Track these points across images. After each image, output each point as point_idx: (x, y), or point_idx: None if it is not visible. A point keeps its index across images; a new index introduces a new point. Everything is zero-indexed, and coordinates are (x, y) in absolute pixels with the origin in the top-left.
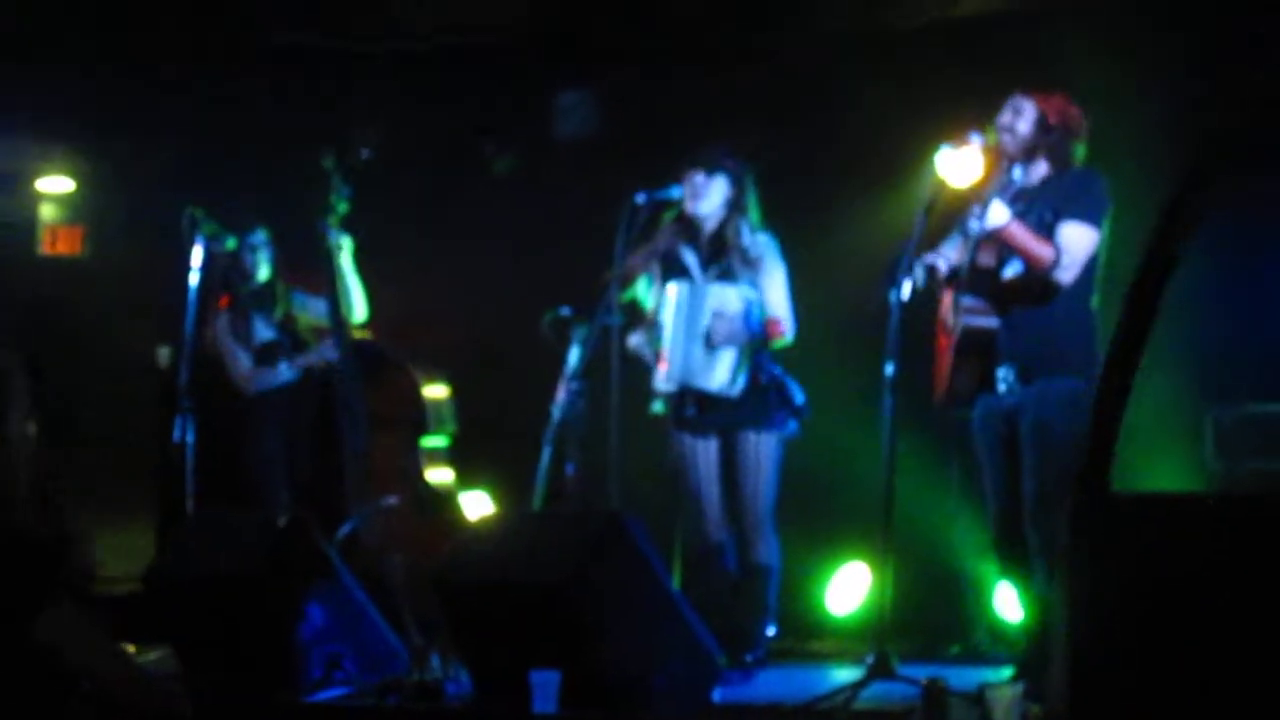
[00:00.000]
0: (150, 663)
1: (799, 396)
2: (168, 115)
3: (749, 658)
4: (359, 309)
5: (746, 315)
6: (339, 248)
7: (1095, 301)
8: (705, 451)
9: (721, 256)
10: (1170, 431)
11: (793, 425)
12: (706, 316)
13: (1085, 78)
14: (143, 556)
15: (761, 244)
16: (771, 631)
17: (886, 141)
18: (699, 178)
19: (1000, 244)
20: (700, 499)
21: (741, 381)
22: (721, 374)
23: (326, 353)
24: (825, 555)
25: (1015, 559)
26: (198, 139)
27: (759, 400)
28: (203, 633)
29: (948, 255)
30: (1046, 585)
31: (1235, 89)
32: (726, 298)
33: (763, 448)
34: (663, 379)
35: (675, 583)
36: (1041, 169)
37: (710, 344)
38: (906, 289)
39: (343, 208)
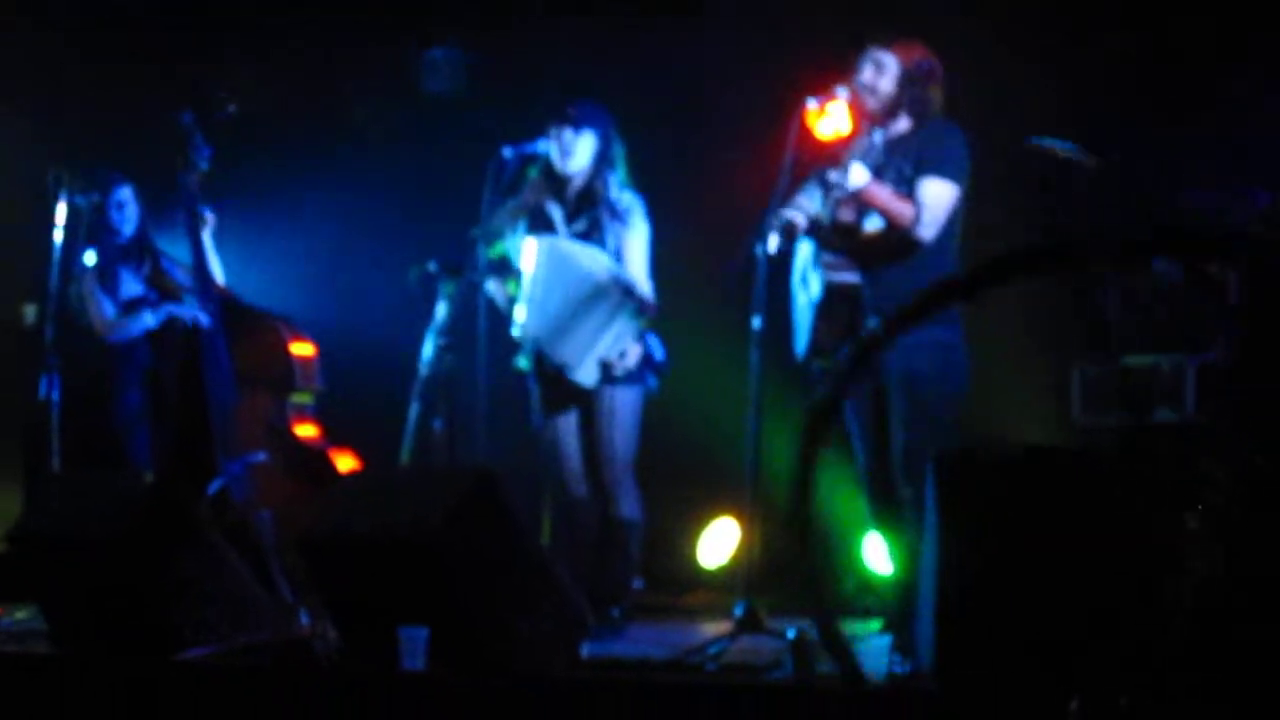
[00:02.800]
0: (17, 622)
1: (659, 353)
2: (28, 71)
3: (615, 612)
4: (216, 274)
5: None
6: (204, 221)
7: (956, 252)
8: (566, 405)
9: (584, 210)
10: (1037, 386)
11: (652, 381)
12: (573, 282)
13: (946, 28)
14: (8, 516)
15: (628, 200)
16: (637, 585)
17: (753, 95)
18: (567, 133)
19: (860, 200)
20: (560, 454)
21: (599, 377)
22: (587, 367)
23: (195, 314)
24: (694, 510)
25: (887, 511)
26: (60, 96)
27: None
28: (69, 592)
29: (804, 205)
30: (916, 536)
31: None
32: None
33: (620, 402)
34: (519, 329)
35: (544, 538)
36: (903, 123)
37: (612, 368)
38: (773, 243)
39: (204, 165)
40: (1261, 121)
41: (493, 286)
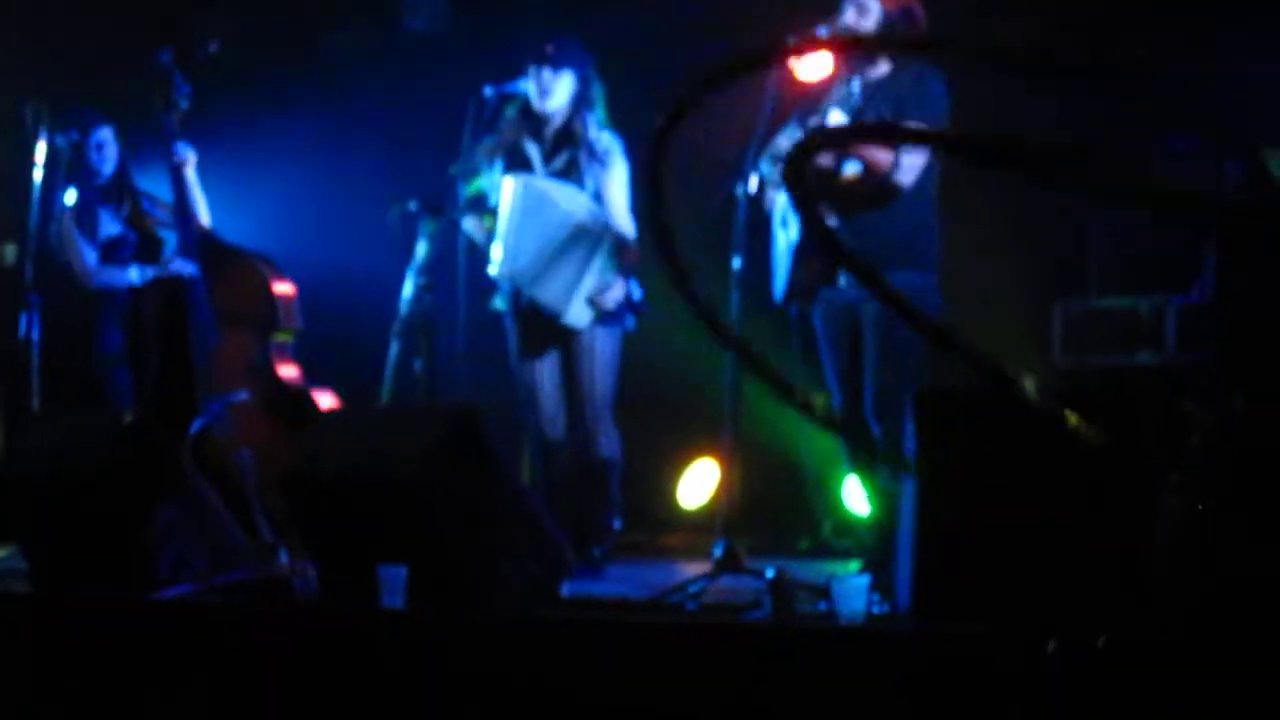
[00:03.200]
0: None
1: (637, 293)
2: (6, 7)
3: (596, 552)
4: (202, 213)
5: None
6: (184, 161)
7: (935, 197)
8: (543, 346)
9: (562, 150)
10: (1018, 325)
11: (630, 321)
12: (550, 221)
13: None
14: None
15: (606, 141)
16: (617, 525)
17: (733, 34)
18: (546, 72)
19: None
20: (537, 394)
21: (592, 318)
22: (585, 316)
23: (180, 267)
24: (674, 451)
25: (861, 453)
26: (39, 33)
27: None
28: (49, 532)
29: (784, 148)
30: (891, 478)
31: None
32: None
33: (599, 343)
34: (495, 268)
35: (524, 477)
36: (883, 67)
37: (600, 305)
38: (753, 183)
39: (184, 104)
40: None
41: (470, 224)
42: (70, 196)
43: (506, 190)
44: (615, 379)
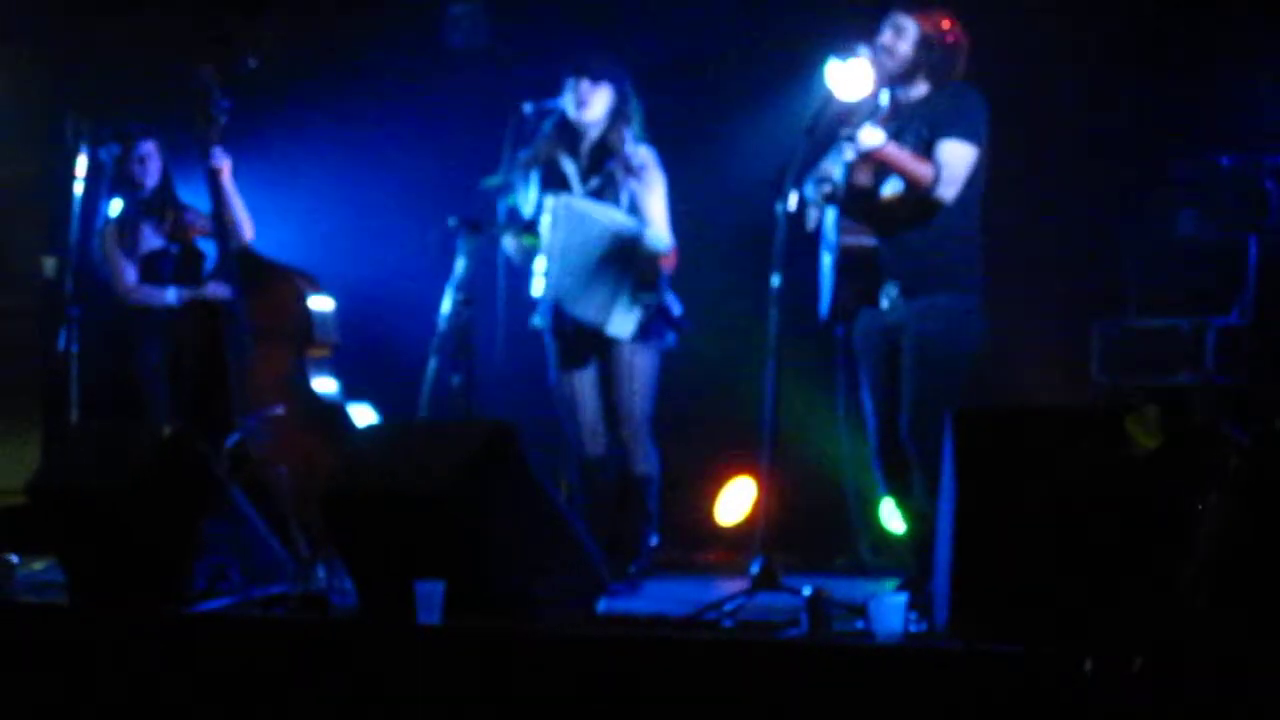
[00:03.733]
0: (35, 574)
1: (677, 308)
2: (49, 20)
3: (633, 568)
4: (246, 227)
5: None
6: (219, 168)
7: (978, 219)
8: (583, 363)
9: (602, 167)
10: (1056, 345)
11: (671, 337)
12: (608, 246)
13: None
14: (28, 468)
15: (643, 154)
16: (655, 541)
17: (775, 51)
18: (584, 84)
19: (877, 163)
20: (577, 410)
21: (635, 328)
22: (628, 326)
23: (217, 290)
24: (712, 467)
25: (896, 472)
26: (83, 47)
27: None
28: (87, 544)
29: (828, 170)
30: (926, 499)
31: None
32: (659, 239)
33: (639, 359)
34: (537, 291)
35: (561, 493)
36: (921, 88)
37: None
38: (793, 201)
39: (223, 119)
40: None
41: (509, 242)
42: (115, 207)
43: (547, 212)
44: (654, 395)
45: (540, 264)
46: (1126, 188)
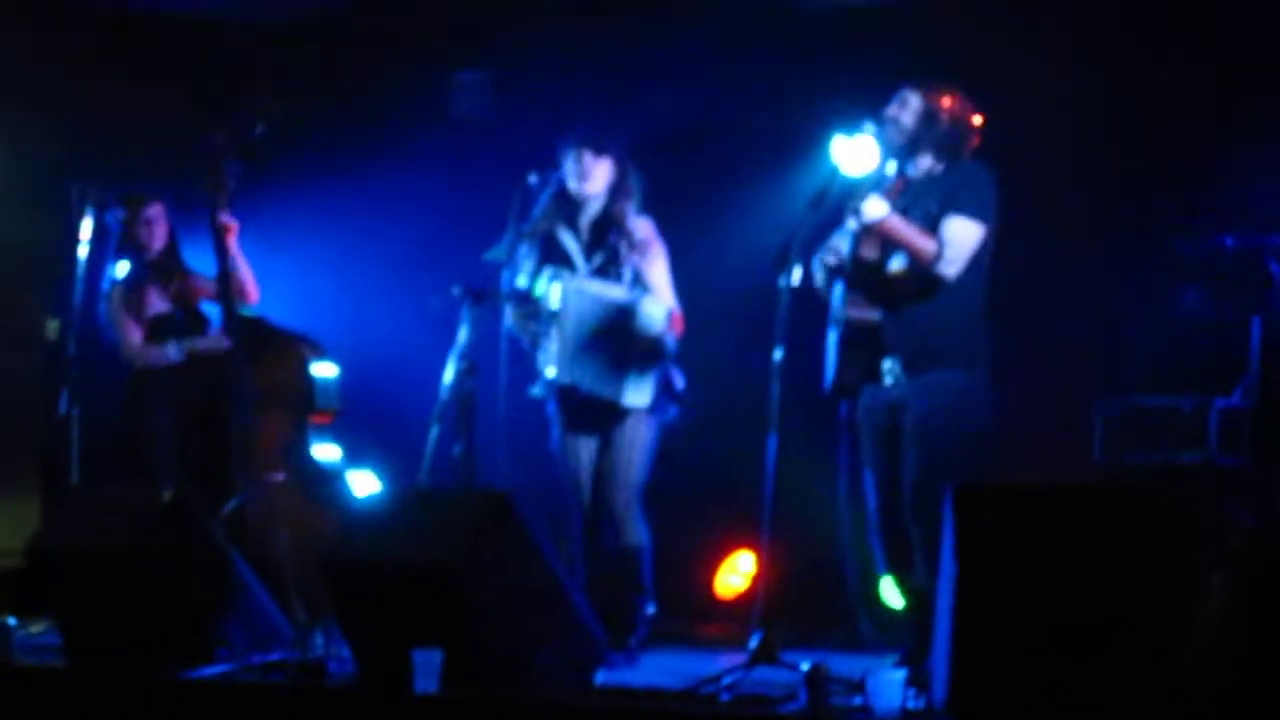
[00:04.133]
0: (32, 636)
1: (680, 382)
2: (59, 84)
3: (633, 640)
4: (251, 291)
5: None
6: (227, 227)
7: (984, 296)
8: (587, 438)
9: (603, 241)
10: (1058, 424)
11: (673, 411)
12: (616, 325)
13: (980, 70)
14: (27, 530)
15: (645, 228)
16: (651, 610)
17: (780, 124)
18: (587, 157)
19: (883, 237)
20: (579, 474)
21: (651, 397)
22: (643, 394)
23: (219, 343)
24: (712, 539)
25: (896, 550)
26: (89, 111)
27: None
28: (85, 607)
29: (838, 246)
30: (927, 576)
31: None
32: (653, 316)
33: (641, 429)
34: (550, 375)
35: (562, 563)
36: (927, 162)
37: (647, 360)
38: (796, 275)
39: (231, 185)
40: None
41: (510, 315)
42: (121, 269)
43: (555, 296)
44: (649, 467)
45: (552, 349)
46: (1130, 267)
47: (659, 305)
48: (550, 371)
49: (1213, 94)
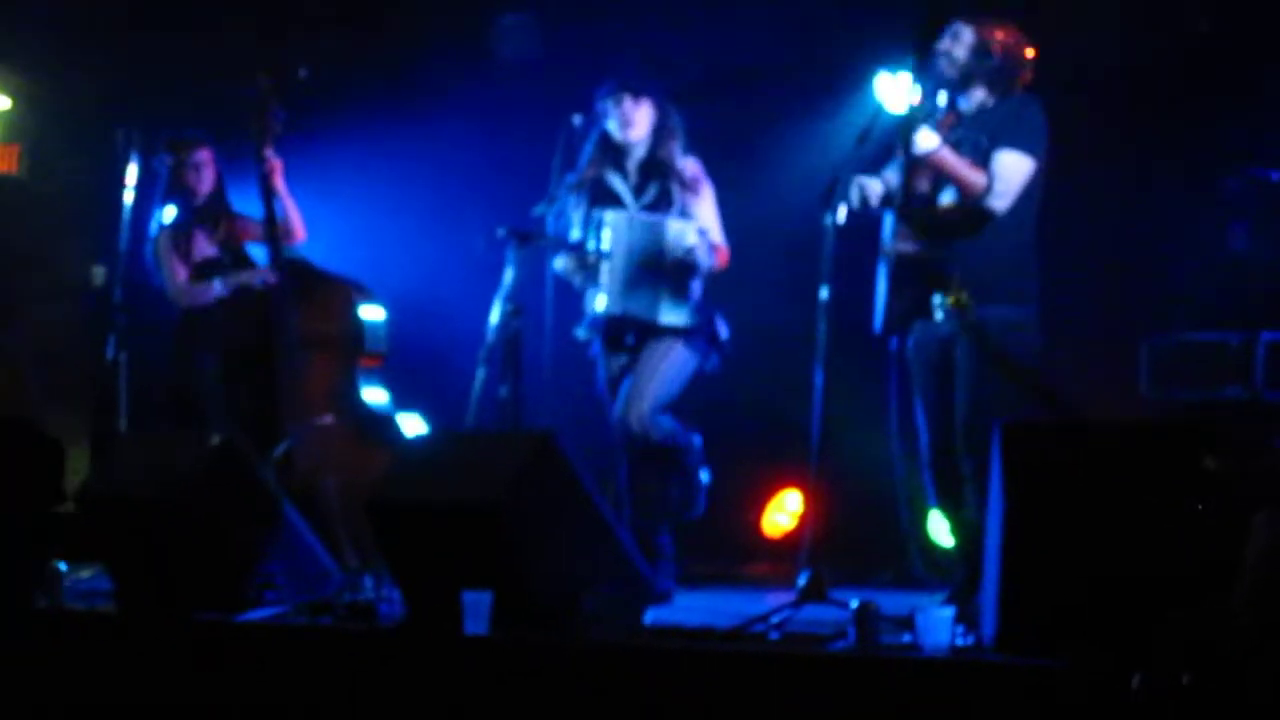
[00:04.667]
0: (82, 581)
1: (724, 331)
2: (106, 33)
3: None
4: (298, 229)
5: (705, 249)
6: (271, 168)
7: (1033, 232)
8: (628, 371)
9: (651, 182)
10: (1106, 359)
11: (715, 359)
12: (659, 250)
13: (1029, 4)
14: (77, 476)
15: (692, 167)
16: (705, 478)
17: (825, 62)
18: (627, 102)
19: (934, 170)
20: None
21: (690, 317)
22: (673, 313)
23: (265, 277)
24: (759, 480)
25: (948, 485)
26: (136, 57)
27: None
28: (135, 552)
29: (888, 179)
30: (978, 512)
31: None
32: (684, 233)
33: (676, 352)
34: (600, 307)
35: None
36: (979, 95)
37: (680, 279)
38: (842, 213)
39: (278, 129)
40: None
41: (562, 264)
42: (169, 213)
43: (608, 230)
44: (674, 392)
45: (604, 284)
46: (1177, 203)
47: (688, 225)
48: (600, 302)
49: (1262, 29)
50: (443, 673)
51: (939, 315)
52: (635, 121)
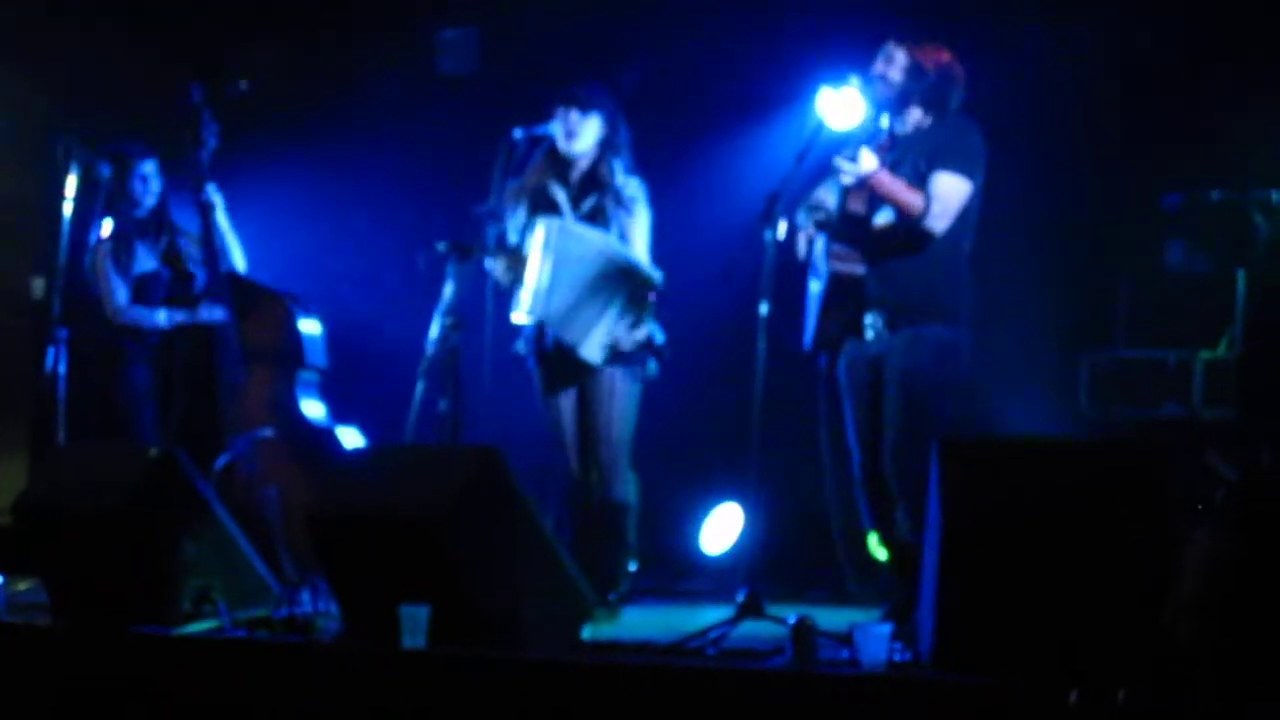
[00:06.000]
0: (18, 593)
1: (659, 337)
2: (46, 42)
3: (613, 596)
4: (238, 260)
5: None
6: (212, 205)
7: (967, 252)
8: (566, 389)
9: (589, 196)
10: (1045, 377)
11: (653, 365)
12: (588, 263)
13: (964, 23)
14: (13, 488)
15: (633, 187)
16: (633, 568)
17: (766, 78)
18: (574, 115)
19: (871, 191)
20: (562, 433)
21: (606, 355)
22: (601, 354)
23: (210, 314)
24: (697, 495)
25: (879, 505)
26: (75, 67)
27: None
28: (72, 564)
29: (823, 200)
30: (910, 530)
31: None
32: (617, 254)
33: (619, 385)
34: (522, 313)
35: (548, 519)
36: (916, 116)
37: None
38: (781, 229)
39: (212, 142)
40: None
41: (494, 266)
42: (106, 228)
43: (539, 233)
44: (633, 422)
45: (526, 287)
46: (1116, 219)
47: (632, 257)
48: (520, 308)
49: (1197, 50)
50: (380, 686)
51: (870, 335)
52: (580, 134)
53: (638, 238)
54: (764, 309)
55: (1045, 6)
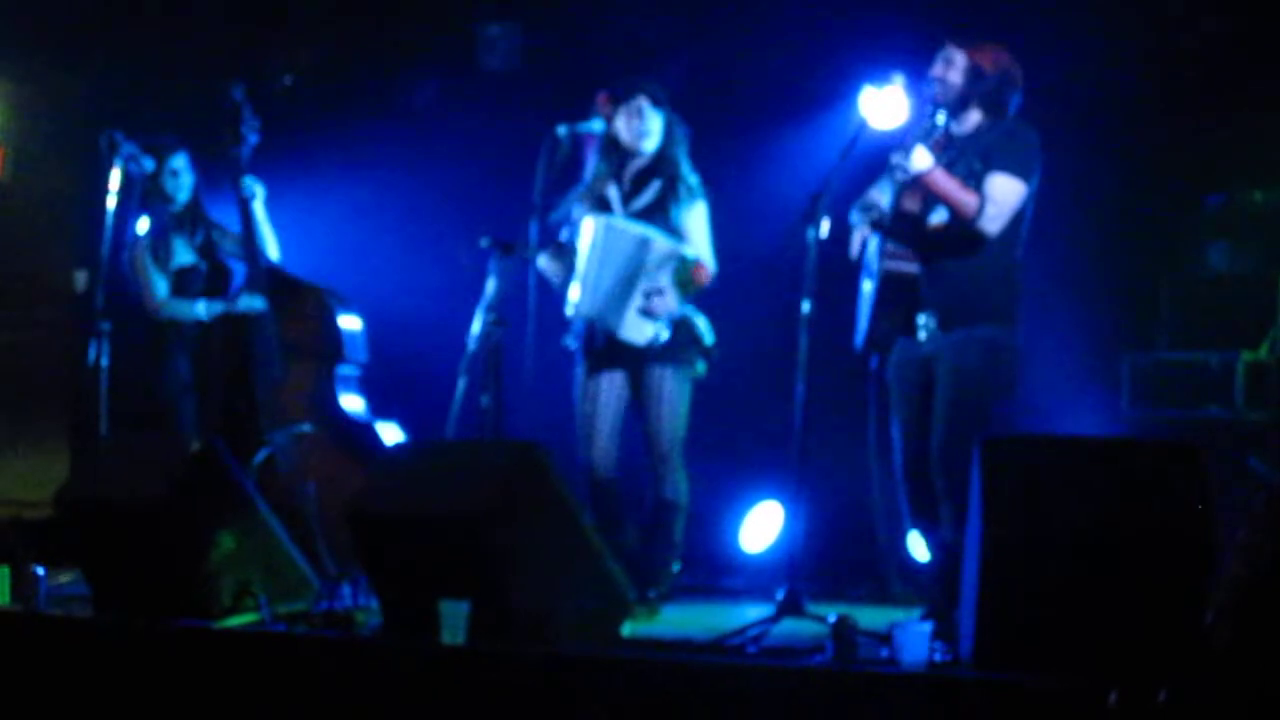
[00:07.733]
0: (60, 586)
1: (709, 337)
2: (91, 39)
3: (653, 594)
4: (271, 250)
5: (679, 268)
6: (252, 195)
7: (1020, 253)
8: (610, 383)
9: (644, 190)
10: (1088, 377)
11: (701, 365)
12: (634, 261)
13: (1008, 25)
14: (56, 480)
15: (695, 181)
16: (677, 568)
17: (812, 76)
18: (647, 109)
19: (925, 190)
20: (594, 430)
21: (664, 337)
22: (643, 331)
23: (250, 303)
24: (739, 493)
25: (923, 503)
26: (121, 63)
27: (669, 337)
28: (113, 557)
29: (876, 199)
30: (953, 529)
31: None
32: (666, 258)
33: (669, 383)
34: (572, 308)
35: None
36: (974, 118)
37: (651, 313)
38: (824, 227)
39: (253, 138)
40: None
41: (545, 263)
42: (143, 224)
43: (587, 230)
44: (684, 422)
45: (577, 283)
46: (1160, 221)
47: (673, 242)
48: (571, 303)
49: (1240, 52)
50: (419, 682)
51: (922, 335)
52: (653, 130)
53: (696, 230)
54: (806, 307)
55: (1092, 9)
